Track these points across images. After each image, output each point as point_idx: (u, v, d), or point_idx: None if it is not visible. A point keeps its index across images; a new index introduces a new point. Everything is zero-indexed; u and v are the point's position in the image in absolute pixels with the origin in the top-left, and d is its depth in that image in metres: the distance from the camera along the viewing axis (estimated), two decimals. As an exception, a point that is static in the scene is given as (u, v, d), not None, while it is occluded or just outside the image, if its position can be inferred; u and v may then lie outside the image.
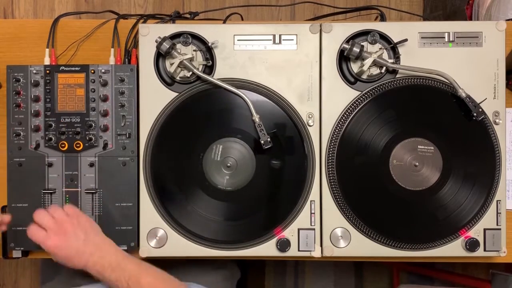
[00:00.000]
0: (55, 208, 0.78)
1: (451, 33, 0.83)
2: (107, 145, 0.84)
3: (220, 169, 0.83)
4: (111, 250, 0.78)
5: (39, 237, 0.75)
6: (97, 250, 0.76)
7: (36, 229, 0.76)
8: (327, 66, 0.83)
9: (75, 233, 0.76)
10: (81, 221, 0.78)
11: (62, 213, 0.78)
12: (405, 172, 0.82)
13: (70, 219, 0.77)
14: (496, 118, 0.82)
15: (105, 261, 0.75)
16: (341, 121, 0.82)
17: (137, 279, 0.73)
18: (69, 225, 0.76)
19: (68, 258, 0.75)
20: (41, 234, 0.75)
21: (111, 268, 0.74)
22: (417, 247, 0.83)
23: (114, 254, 0.77)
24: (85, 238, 0.76)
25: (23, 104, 0.84)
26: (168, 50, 0.80)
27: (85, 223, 0.78)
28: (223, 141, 0.83)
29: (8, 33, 0.90)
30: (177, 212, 0.83)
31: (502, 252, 0.82)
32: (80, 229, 0.77)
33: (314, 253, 0.83)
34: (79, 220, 0.78)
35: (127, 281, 0.73)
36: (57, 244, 0.75)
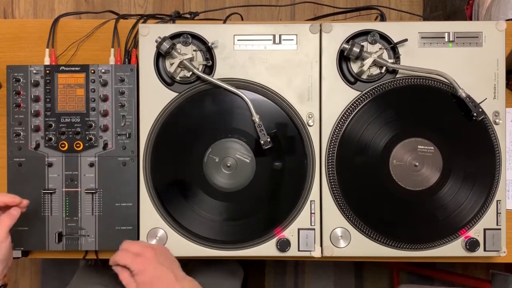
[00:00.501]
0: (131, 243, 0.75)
1: (451, 33, 0.83)
2: (107, 145, 0.84)
3: (220, 169, 0.83)
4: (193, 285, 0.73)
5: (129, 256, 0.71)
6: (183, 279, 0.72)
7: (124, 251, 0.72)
8: (327, 66, 0.83)
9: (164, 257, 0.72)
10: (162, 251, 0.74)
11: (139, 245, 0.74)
12: (405, 172, 0.82)
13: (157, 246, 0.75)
14: (496, 118, 0.82)
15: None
16: (341, 121, 0.82)
17: None
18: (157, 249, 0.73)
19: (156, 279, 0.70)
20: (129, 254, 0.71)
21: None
22: (417, 247, 0.83)
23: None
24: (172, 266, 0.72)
25: (23, 104, 0.84)
26: (168, 50, 0.80)
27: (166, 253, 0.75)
28: (223, 141, 0.83)
29: (8, 33, 0.90)
30: (177, 212, 0.83)
31: (502, 252, 0.82)
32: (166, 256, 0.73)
33: (314, 253, 0.83)
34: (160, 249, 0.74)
35: None
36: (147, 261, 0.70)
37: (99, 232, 0.84)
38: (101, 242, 0.84)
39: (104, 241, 0.84)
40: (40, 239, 0.84)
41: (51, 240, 0.84)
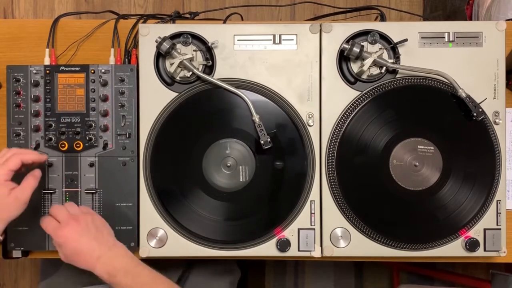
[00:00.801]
0: (71, 204, 0.79)
1: (451, 33, 0.83)
2: (107, 145, 0.84)
3: (220, 169, 0.83)
4: (123, 252, 0.76)
5: (52, 226, 0.75)
6: (109, 250, 0.75)
7: (50, 219, 0.76)
8: (327, 66, 0.83)
9: (87, 226, 0.75)
10: (95, 219, 0.78)
11: (77, 209, 0.78)
12: (405, 172, 0.82)
13: (84, 214, 0.77)
14: (496, 118, 0.82)
15: (117, 263, 0.74)
16: (341, 121, 0.82)
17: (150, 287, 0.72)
18: (82, 220, 0.76)
19: (76, 253, 0.74)
20: (53, 223, 0.75)
21: (124, 272, 0.73)
22: (417, 247, 0.83)
23: (128, 257, 0.76)
24: (97, 234, 0.75)
25: (23, 104, 0.84)
26: (168, 50, 0.80)
27: (99, 222, 0.78)
28: (223, 141, 0.83)
29: (8, 33, 0.90)
30: (177, 212, 0.83)
31: (502, 252, 0.83)
32: (92, 224, 0.76)
33: (314, 253, 0.83)
34: (93, 218, 0.78)
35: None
36: (67, 234, 0.74)
37: (99, 232, 0.84)
38: (101, 242, 0.84)
39: (104, 241, 0.84)
40: (40, 239, 0.84)
41: (51, 240, 0.84)
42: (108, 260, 0.74)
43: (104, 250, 0.74)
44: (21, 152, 0.76)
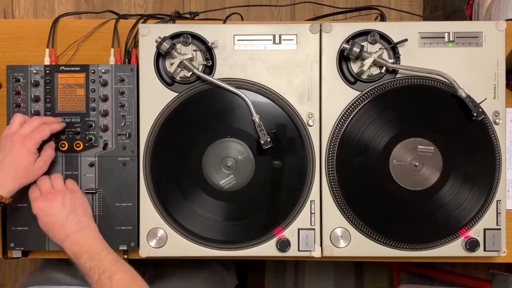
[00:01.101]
0: (57, 177, 0.81)
1: (451, 33, 0.83)
2: (107, 145, 0.84)
3: (220, 169, 0.83)
4: (93, 235, 0.77)
5: (32, 196, 0.78)
6: (79, 230, 0.76)
7: (34, 189, 0.79)
8: (327, 66, 0.83)
9: (63, 203, 0.77)
10: (74, 197, 0.79)
11: (60, 184, 0.80)
12: (405, 172, 0.82)
13: (64, 190, 0.79)
14: (496, 118, 0.82)
15: (85, 245, 0.75)
16: (341, 121, 0.82)
17: (110, 274, 0.71)
18: (60, 195, 0.77)
19: (49, 227, 0.76)
20: (35, 194, 0.78)
21: (89, 255, 0.73)
22: (417, 247, 0.83)
23: (96, 241, 0.76)
24: (71, 212, 0.77)
25: (23, 104, 0.84)
26: (168, 50, 0.80)
27: (76, 200, 0.79)
28: (223, 141, 0.83)
29: (8, 33, 0.90)
30: (177, 212, 0.83)
31: (502, 252, 0.82)
32: (69, 202, 0.78)
33: (314, 253, 0.83)
34: (72, 195, 0.79)
35: (100, 273, 0.72)
36: (42, 207, 0.76)
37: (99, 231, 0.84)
38: (101, 242, 0.84)
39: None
40: (40, 239, 0.84)
41: (51, 240, 0.83)
42: (75, 240, 0.75)
43: (73, 230, 0.76)
44: (49, 121, 0.80)
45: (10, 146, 0.76)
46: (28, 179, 0.78)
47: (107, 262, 0.73)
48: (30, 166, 0.77)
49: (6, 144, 0.76)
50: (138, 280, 0.74)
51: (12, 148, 0.76)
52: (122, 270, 0.73)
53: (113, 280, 0.71)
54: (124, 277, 0.72)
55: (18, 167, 0.76)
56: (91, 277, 0.72)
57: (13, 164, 0.75)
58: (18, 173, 0.76)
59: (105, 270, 0.72)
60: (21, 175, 0.76)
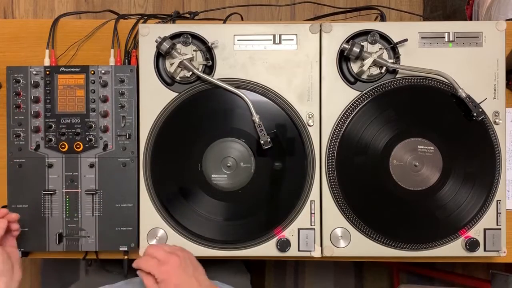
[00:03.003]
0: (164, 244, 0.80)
1: (451, 33, 0.83)
2: (107, 146, 0.84)
3: (220, 169, 0.83)
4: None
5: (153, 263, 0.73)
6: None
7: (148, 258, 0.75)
8: (327, 66, 0.83)
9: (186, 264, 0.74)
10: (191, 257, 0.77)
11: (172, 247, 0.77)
12: (405, 172, 0.82)
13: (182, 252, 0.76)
14: (496, 118, 0.82)
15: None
16: (341, 121, 0.82)
17: None
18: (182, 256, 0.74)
19: None
20: (154, 261, 0.73)
21: None
22: (417, 247, 0.83)
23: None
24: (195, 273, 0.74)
25: (23, 105, 0.84)
26: (168, 50, 0.80)
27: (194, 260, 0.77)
28: (223, 141, 0.83)
29: (8, 33, 0.90)
30: (177, 212, 0.83)
31: (502, 252, 0.83)
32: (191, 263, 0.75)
33: (314, 253, 0.83)
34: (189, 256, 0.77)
35: None
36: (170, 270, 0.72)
37: (99, 232, 0.84)
38: (101, 242, 0.84)
39: (104, 241, 0.84)
40: (40, 240, 0.84)
41: (51, 241, 0.84)
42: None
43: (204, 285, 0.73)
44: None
45: None
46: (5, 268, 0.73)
47: None
48: None
49: None
50: None
51: None
52: None
53: None
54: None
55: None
56: None
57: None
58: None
59: None
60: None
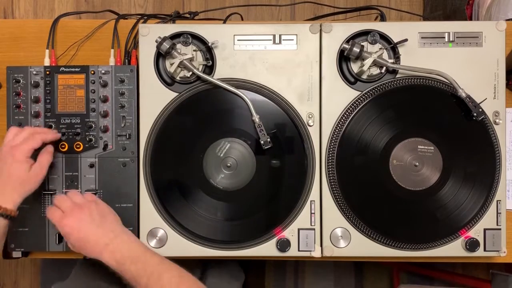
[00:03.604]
0: (75, 193, 0.80)
1: (451, 33, 0.83)
2: (107, 146, 0.84)
3: (220, 169, 0.83)
4: (131, 239, 0.76)
5: (56, 217, 0.75)
6: (116, 237, 0.74)
7: (54, 209, 0.76)
8: (327, 66, 0.83)
9: (91, 216, 0.75)
10: (99, 206, 0.78)
11: (80, 197, 0.78)
12: (405, 172, 0.82)
13: (88, 203, 0.77)
14: (496, 118, 0.82)
15: (125, 251, 0.73)
16: (341, 121, 0.82)
17: (159, 275, 0.70)
18: (86, 208, 0.76)
19: (83, 242, 0.73)
20: (58, 213, 0.75)
21: (132, 260, 0.71)
22: (417, 247, 0.83)
23: (136, 244, 0.75)
24: (102, 222, 0.75)
25: (23, 105, 0.84)
26: (168, 50, 0.80)
27: (103, 209, 0.78)
28: (223, 141, 0.83)
29: (8, 33, 0.90)
30: (177, 212, 0.83)
31: (502, 252, 0.83)
32: (97, 213, 0.76)
33: (314, 253, 0.83)
34: (97, 205, 0.78)
35: (148, 276, 0.70)
36: (72, 224, 0.74)
37: (99, 232, 0.84)
38: (101, 242, 0.84)
39: (104, 241, 0.84)
40: (40, 240, 0.84)
41: (51, 241, 0.84)
42: (115, 248, 0.73)
43: (110, 238, 0.74)
44: (42, 131, 0.80)
45: (2, 158, 0.76)
46: (28, 187, 0.76)
47: (153, 263, 0.72)
48: (24, 174, 0.75)
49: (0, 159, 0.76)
50: (186, 275, 0.73)
51: (4, 160, 0.75)
52: (169, 269, 0.72)
53: (163, 280, 0.69)
54: (174, 275, 0.71)
55: (13, 178, 0.75)
56: (139, 281, 0.70)
57: (9, 176, 0.75)
58: (15, 183, 0.75)
59: (152, 272, 0.70)
60: (18, 185, 0.75)
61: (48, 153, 0.80)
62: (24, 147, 0.76)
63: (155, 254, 0.74)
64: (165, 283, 0.69)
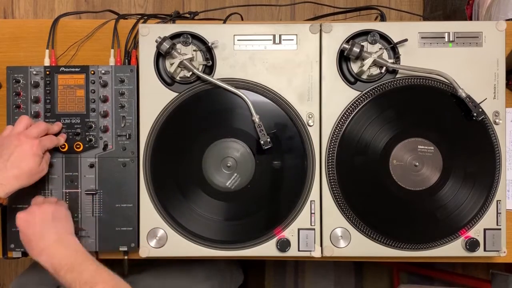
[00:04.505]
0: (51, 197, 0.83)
1: (451, 33, 0.83)
2: (107, 146, 0.84)
3: (220, 169, 0.83)
4: (72, 247, 0.76)
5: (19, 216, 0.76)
6: (57, 242, 0.74)
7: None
8: (327, 66, 0.83)
9: (43, 216, 0.75)
10: (57, 210, 0.78)
11: (51, 199, 0.80)
12: (405, 172, 0.82)
13: (48, 204, 0.78)
14: (496, 118, 0.82)
15: (63, 258, 0.73)
16: (341, 121, 0.82)
17: (91, 286, 0.70)
18: (43, 208, 0.76)
19: (28, 239, 0.75)
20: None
21: (68, 268, 0.72)
22: (417, 247, 0.83)
23: (76, 252, 0.75)
24: (51, 226, 0.75)
25: (23, 105, 0.84)
26: (168, 50, 0.80)
27: (58, 213, 0.78)
28: (223, 141, 0.83)
29: (8, 33, 0.90)
30: (177, 212, 0.83)
31: (502, 252, 0.83)
32: (51, 215, 0.76)
33: (314, 253, 0.83)
34: (56, 208, 0.78)
35: (81, 285, 0.70)
36: (24, 219, 0.75)
37: (99, 233, 0.84)
38: (101, 243, 0.84)
39: (104, 242, 0.84)
40: (40, 239, 0.84)
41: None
42: (53, 253, 0.73)
43: (50, 242, 0.74)
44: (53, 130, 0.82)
45: (17, 145, 0.75)
46: (31, 180, 0.77)
47: (88, 274, 0.71)
48: (35, 167, 0.76)
49: (11, 143, 0.75)
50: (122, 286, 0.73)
51: (19, 148, 0.75)
52: (103, 281, 0.71)
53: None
54: (107, 286, 0.71)
55: (24, 167, 0.75)
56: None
57: (19, 163, 0.74)
58: (22, 173, 0.74)
59: (86, 282, 0.70)
60: (25, 176, 0.75)
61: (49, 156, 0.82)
62: (45, 145, 0.78)
63: (94, 264, 0.74)
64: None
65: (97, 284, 0.70)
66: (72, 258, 0.73)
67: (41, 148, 0.77)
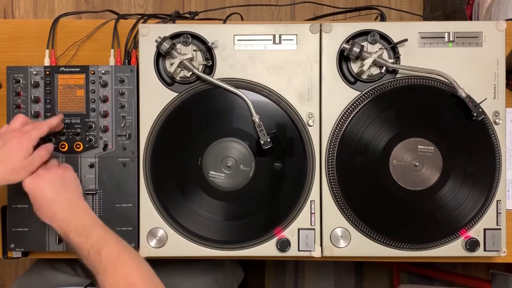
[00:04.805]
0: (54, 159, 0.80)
1: (451, 33, 0.83)
2: (107, 146, 0.84)
3: (220, 169, 0.83)
4: (81, 211, 0.76)
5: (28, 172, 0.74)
6: (68, 208, 0.74)
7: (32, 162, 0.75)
8: (327, 66, 0.83)
9: (53, 181, 0.75)
10: (65, 174, 0.77)
11: (55, 163, 0.79)
12: (405, 172, 0.82)
13: (55, 168, 0.77)
14: (496, 118, 0.82)
15: (72, 222, 0.73)
16: (341, 121, 0.82)
17: (98, 249, 0.70)
18: (51, 172, 0.76)
19: (38, 204, 0.74)
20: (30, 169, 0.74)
21: (76, 231, 0.72)
22: (417, 247, 0.83)
23: (84, 217, 0.75)
24: (61, 190, 0.75)
25: (23, 105, 0.84)
26: (168, 50, 0.80)
27: (67, 177, 0.78)
28: (223, 141, 0.83)
29: (8, 33, 0.90)
30: (177, 212, 0.83)
31: (502, 252, 0.83)
32: (60, 180, 0.76)
33: (314, 253, 0.83)
34: (64, 172, 0.77)
35: (88, 249, 0.70)
36: (33, 184, 0.74)
37: (99, 232, 0.84)
38: (101, 242, 0.84)
39: (104, 241, 0.84)
40: (40, 240, 0.84)
41: (51, 241, 0.84)
42: (64, 217, 0.73)
43: (61, 206, 0.74)
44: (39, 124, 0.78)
45: (8, 140, 0.74)
46: (14, 176, 0.73)
47: (95, 237, 0.72)
48: (18, 162, 0.73)
49: (3, 139, 0.74)
50: (127, 252, 0.72)
51: (8, 142, 0.74)
52: (110, 244, 0.72)
53: (102, 254, 0.69)
54: (112, 251, 0.70)
55: (7, 161, 0.72)
56: (80, 253, 0.71)
57: (4, 157, 0.73)
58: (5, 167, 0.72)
59: (93, 245, 0.70)
60: (7, 171, 0.72)
61: (46, 150, 0.77)
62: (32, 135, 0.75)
63: (101, 227, 0.74)
64: (103, 258, 0.69)
65: (104, 247, 0.70)
66: (81, 222, 0.73)
67: (29, 140, 0.74)
